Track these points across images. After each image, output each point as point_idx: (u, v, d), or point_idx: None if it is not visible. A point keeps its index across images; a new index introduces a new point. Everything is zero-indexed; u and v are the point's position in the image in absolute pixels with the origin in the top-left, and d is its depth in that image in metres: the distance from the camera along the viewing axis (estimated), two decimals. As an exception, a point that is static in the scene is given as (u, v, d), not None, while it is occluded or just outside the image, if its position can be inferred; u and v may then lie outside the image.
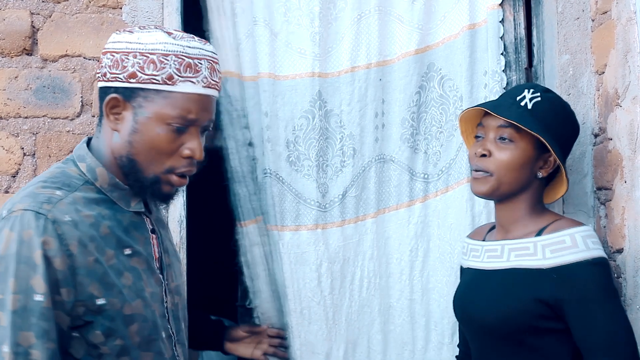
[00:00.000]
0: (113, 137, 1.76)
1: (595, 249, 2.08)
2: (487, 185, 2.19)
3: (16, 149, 2.42)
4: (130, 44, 1.71)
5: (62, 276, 1.61)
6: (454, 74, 2.64)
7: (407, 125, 2.65)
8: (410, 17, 2.64)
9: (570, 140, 2.26)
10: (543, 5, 2.61)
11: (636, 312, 2.13)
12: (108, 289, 1.67)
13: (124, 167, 1.76)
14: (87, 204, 1.70)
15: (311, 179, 2.58)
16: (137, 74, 1.70)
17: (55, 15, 2.45)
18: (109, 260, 1.69)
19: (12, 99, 2.43)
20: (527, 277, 2.12)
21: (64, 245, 1.62)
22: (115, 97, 1.72)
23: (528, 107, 2.18)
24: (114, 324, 1.67)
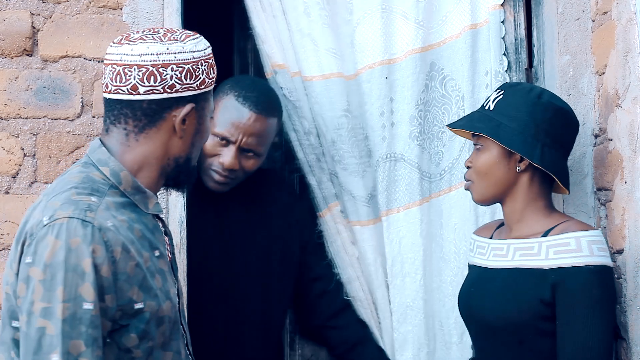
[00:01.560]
0: (170, 143, 1.80)
1: (600, 255, 2.09)
2: (475, 194, 2.28)
3: (16, 150, 2.42)
4: (194, 52, 1.77)
5: (107, 283, 1.63)
6: (456, 74, 2.65)
7: (416, 123, 2.65)
8: (414, 14, 2.64)
9: (546, 123, 2.20)
10: (543, 5, 2.61)
11: (636, 312, 2.13)
12: (146, 293, 1.69)
13: (178, 167, 1.83)
14: (117, 209, 1.72)
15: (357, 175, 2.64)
16: (205, 80, 1.80)
17: (56, 15, 2.45)
18: (146, 262, 1.72)
19: (12, 99, 2.43)
20: (530, 278, 2.13)
21: (110, 252, 1.64)
22: (193, 105, 1.79)
23: (491, 108, 2.23)
24: (148, 326, 1.69)
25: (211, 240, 2.54)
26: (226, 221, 2.56)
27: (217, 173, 2.43)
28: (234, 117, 2.40)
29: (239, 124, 2.39)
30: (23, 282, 1.63)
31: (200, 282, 2.48)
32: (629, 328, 2.18)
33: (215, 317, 2.52)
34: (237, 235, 2.56)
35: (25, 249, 1.65)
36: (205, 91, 1.82)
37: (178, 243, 2.46)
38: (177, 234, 2.46)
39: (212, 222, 2.55)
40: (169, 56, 1.75)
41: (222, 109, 2.41)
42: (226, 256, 2.54)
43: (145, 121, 1.77)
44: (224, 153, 2.40)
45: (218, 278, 2.53)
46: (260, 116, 2.40)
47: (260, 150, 2.44)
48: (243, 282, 2.55)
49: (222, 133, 2.39)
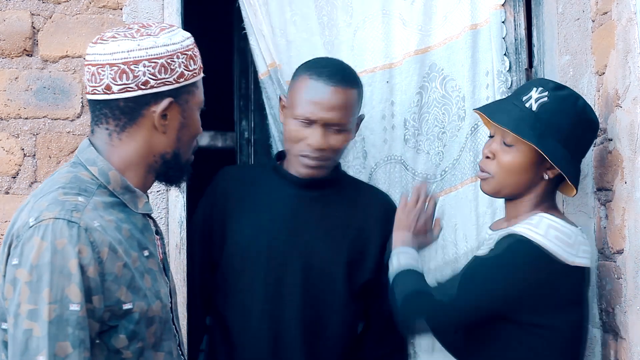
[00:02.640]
0: (153, 139, 1.77)
1: (540, 234, 2.08)
2: (489, 187, 2.22)
3: (16, 150, 2.42)
4: (168, 46, 1.74)
5: (94, 284, 1.62)
6: (456, 74, 2.65)
7: (409, 126, 2.65)
8: (410, 17, 2.65)
9: (583, 139, 2.21)
10: (543, 6, 2.61)
11: (637, 312, 2.13)
12: (135, 293, 1.68)
13: (166, 163, 1.81)
14: (105, 209, 1.71)
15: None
16: (184, 73, 1.76)
17: (56, 16, 2.45)
18: (134, 262, 1.71)
19: (12, 99, 2.43)
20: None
21: (96, 253, 1.63)
22: (172, 100, 1.76)
23: (533, 108, 2.15)
24: (137, 327, 1.68)
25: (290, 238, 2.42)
26: (308, 220, 2.43)
27: (307, 157, 2.33)
28: (311, 95, 2.31)
29: (318, 101, 2.30)
30: (10, 284, 1.62)
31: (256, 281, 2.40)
32: (629, 328, 2.18)
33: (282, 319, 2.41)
34: (316, 238, 2.43)
35: (12, 250, 1.64)
36: (187, 84, 1.78)
37: (178, 243, 2.46)
38: (177, 234, 2.46)
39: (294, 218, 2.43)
40: (140, 52, 1.72)
41: (297, 91, 2.34)
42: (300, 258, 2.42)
43: (125, 120, 1.75)
44: (310, 134, 2.31)
45: (292, 277, 2.41)
46: (338, 88, 2.31)
47: (346, 124, 2.33)
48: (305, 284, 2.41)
49: (303, 114, 2.30)
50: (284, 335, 2.38)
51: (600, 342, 2.47)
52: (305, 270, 2.38)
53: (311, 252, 2.39)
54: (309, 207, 2.41)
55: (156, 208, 2.44)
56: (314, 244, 2.40)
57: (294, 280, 2.38)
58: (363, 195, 2.50)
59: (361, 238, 2.44)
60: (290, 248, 2.38)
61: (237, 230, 2.40)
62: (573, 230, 2.14)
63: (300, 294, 2.38)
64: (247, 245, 2.39)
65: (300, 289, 2.38)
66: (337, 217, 2.43)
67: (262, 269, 2.37)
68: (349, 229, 2.44)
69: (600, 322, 2.46)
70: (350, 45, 2.64)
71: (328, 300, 2.40)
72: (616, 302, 2.30)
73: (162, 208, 2.45)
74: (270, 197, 2.42)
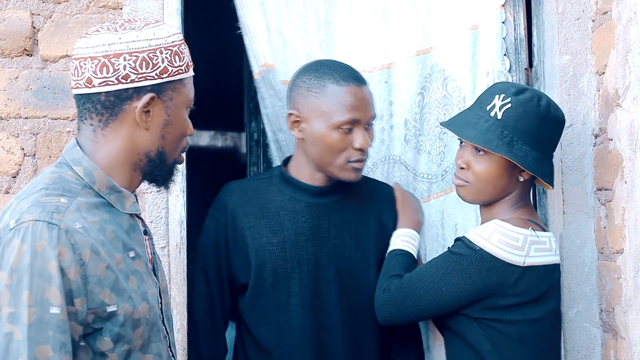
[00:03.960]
0: (135, 136, 1.75)
1: (484, 237, 2.15)
2: (468, 195, 2.29)
3: (16, 150, 2.42)
4: (151, 40, 1.72)
5: (76, 286, 1.60)
6: (457, 75, 2.65)
7: (410, 127, 2.65)
8: (412, 18, 2.64)
9: (551, 136, 2.25)
10: (543, 5, 2.61)
11: (636, 312, 2.13)
12: (119, 295, 1.66)
13: (151, 161, 1.77)
14: (89, 210, 1.69)
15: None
16: (168, 69, 1.73)
17: (56, 15, 2.45)
18: (118, 264, 1.68)
19: (12, 99, 2.43)
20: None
21: (77, 255, 1.60)
22: (153, 96, 1.73)
23: (498, 117, 2.20)
24: (122, 329, 1.66)
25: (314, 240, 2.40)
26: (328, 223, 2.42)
27: (357, 162, 2.32)
28: (348, 100, 2.29)
29: (357, 103, 2.30)
30: None
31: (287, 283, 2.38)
32: (629, 328, 2.18)
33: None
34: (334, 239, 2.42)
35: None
36: (171, 80, 1.75)
37: (178, 243, 2.46)
38: (177, 234, 2.46)
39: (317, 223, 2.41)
40: (121, 45, 1.70)
41: (327, 101, 2.30)
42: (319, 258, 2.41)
43: (107, 114, 1.73)
44: (355, 138, 2.29)
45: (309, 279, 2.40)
46: (365, 86, 2.35)
47: (374, 117, 2.39)
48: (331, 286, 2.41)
49: (348, 119, 2.28)
50: (327, 346, 2.38)
51: (600, 342, 2.47)
52: (339, 277, 2.38)
53: (340, 258, 2.39)
54: (329, 214, 2.40)
55: (156, 208, 2.44)
56: (342, 250, 2.40)
57: (329, 289, 2.38)
58: (374, 192, 2.51)
59: (382, 235, 2.45)
60: (320, 258, 2.38)
61: (261, 249, 2.37)
62: (521, 232, 2.17)
63: (338, 302, 2.38)
64: (277, 262, 2.37)
65: (337, 298, 2.38)
66: (357, 219, 2.43)
67: (297, 283, 2.36)
68: (370, 228, 2.44)
69: (600, 322, 2.46)
70: (347, 45, 2.64)
71: (365, 305, 2.38)
72: (616, 302, 2.30)
73: (162, 208, 2.45)
74: (288, 210, 2.40)
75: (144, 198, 2.42)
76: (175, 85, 1.76)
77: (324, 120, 2.30)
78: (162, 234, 2.44)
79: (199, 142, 5.52)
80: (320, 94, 2.31)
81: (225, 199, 2.44)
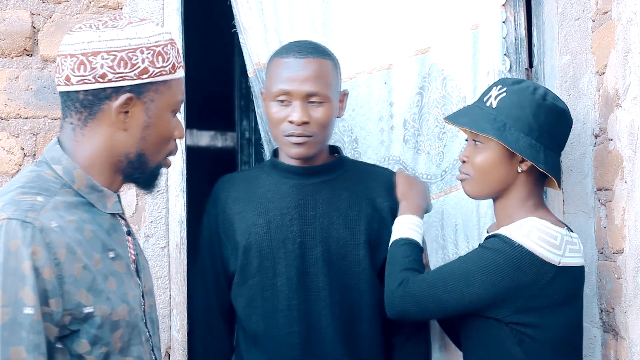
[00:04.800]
0: (114, 137, 1.71)
1: (523, 234, 2.11)
2: (470, 188, 2.28)
3: (16, 150, 2.42)
4: (131, 39, 1.67)
5: (51, 286, 1.56)
6: (457, 75, 2.65)
7: (409, 127, 2.65)
8: (411, 17, 2.64)
9: (551, 127, 2.22)
10: (543, 5, 2.61)
11: (636, 312, 2.13)
12: (96, 296, 1.62)
13: (131, 163, 1.73)
14: (67, 209, 1.65)
15: None
16: (148, 69, 1.68)
17: (56, 15, 2.45)
18: (96, 265, 1.64)
19: (12, 99, 2.43)
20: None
21: (52, 254, 1.57)
22: (131, 96, 1.68)
23: (493, 105, 2.21)
24: (100, 331, 1.62)
25: (304, 221, 2.37)
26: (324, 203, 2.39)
27: (292, 135, 2.29)
28: (284, 72, 2.29)
29: (292, 75, 2.28)
30: None
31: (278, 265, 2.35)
32: (629, 328, 2.18)
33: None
34: (329, 218, 2.39)
35: None
36: (153, 81, 1.69)
37: (178, 243, 2.46)
38: (177, 234, 2.46)
39: (308, 203, 2.39)
40: (100, 44, 1.66)
41: (270, 74, 2.33)
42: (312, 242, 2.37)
43: (86, 113, 1.69)
44: (291, 111, 2.27)
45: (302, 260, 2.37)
46: (309, 58, 2.29)
47: (325, 94, 2.29)
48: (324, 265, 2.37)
49: (280, 90, 2.28)
50: (316, 327, 2.34)
51: (600, 342, 2.47)
52: (326, 257, 2.35)
53: (328, 237, 2.36)
54: (316, 194, 2.37)
55: (156, 208, 2.44)
56: (330, 228, 2.36)
57: (317, 269, 2.35)
58: (368, 174, 2.47)
59: (375, 216, 2.40)
60: (306, 237, 2.35)
61: (247, 231, 2.36)
62: (559, 231, 2.14)
63: (325, 282, 2.34)
64: (262, 243, 2.35)
65: (325, 277, 2.35)
66: (346, 199, 2.40)
67: (282, 264, 2.34)
68: (361, 208, 2.40)
69: (600, 322, 2.46)
70: (345, 46, 2.64)
71: (354, 284, 2.36)
72: (616, 302, 2.30)
73: (162, 208, 2.45)
74: (274, 192, 2.38)
75: (144, 198, 2.42)
76: (157, 87, 1.71)
77: (268, 93, 2.32)
78: (162, 234, 2.44)
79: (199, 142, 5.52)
80: (269, 68, 2.35)
81: (217, 191, 2.45)
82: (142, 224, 2.43)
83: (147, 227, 2.44)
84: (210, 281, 2.42)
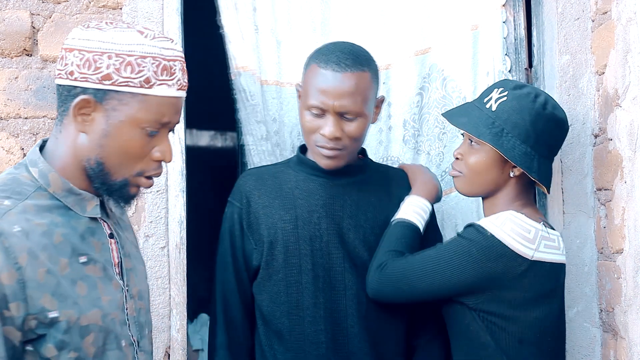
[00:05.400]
0: (78, 139, 1.68)
1: (497, 225, 2.14)
2: (460, 185, 2.30)
3: (16, 150, 2.42)
4: (103, 43, 1.63)
5: (10, 291, 1.54)
6: (457, 75, 2.65)
7: (409, 127, 2.65)
8: (411, 18, 2.64)
9: (547, 135, 2.22)
10: (543, 5, 2.61)
11: (636, 312, 2.13)
12: (62, 301, 1.59)
13: (91, 170, 1.69)
14: (38, 212, 1.63)
15: None
16: (112, 76, 1.62)
17: (56, 15, 2.45)
18: (63, 269, 1.62)
19: (12, 99, 2.43)
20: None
21: (12, 259, 1.54)
22: (87, 98, 1.64)
23: (492, 108, 2.21)
24: (67, 336, 1.60)
25: (320, 222, 2.36)
26: (338, 204, 2.37)
27: (324, 147, 2.26)
28: (320, 84, 2.23)
29: (327, 89, 2.23)
30: None
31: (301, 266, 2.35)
32: (628, 328, 2.18)
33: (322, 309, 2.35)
34: (346, 219, 2.38)
35: None
36: (117, 90, 1.63)
37: (178, 243, 2.46)
38: (177, 234, 2.46)
39: (323, 204, 2.37)
40: (75, 41, 1.65)
41: (307, 81, 2.28)
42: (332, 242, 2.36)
43: (62, 109, 1.68)
44: (323, 124, 2.24)
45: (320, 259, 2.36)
46: (346, 73, 2.23)
47: (360, 110, 2.25)
48: (345, 267, 2.36)
49: (314, 104, 2.24)
50: (342, 325, 2.33)
51: (600, 342, 2.47)
52: (353, 257, 2.34)
53: (355, 239, 2.35)
54: (345, 195, 2.36)
55: (156, 208, 2.44)
56: (357, 231, 2.35)
57: (344, 268, 2.34)
58: (392, 178, 2.47)
59: None
60: (333, 237, 2.34)
61: (274, 226, 2.34)
62: (533, 225, 2.16)
63: (352, 281, 2.33)
64: (289, 239, 2.34)
65: (352, 277, 2.33)
66: (374, 203, 2.39)
67: (309, 260, 2.33)
68: (388, 214, 2.39)
69: (600, 322, 2.46)
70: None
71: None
72: (616, 302, 2.30)
73: (162, 208, 2.45)
74: (302, 188, 2.37)
75: (144, 198, 2.42)
76: (122, 97, 1.64)
77: (303, 99, 2.29)
78: (162, 234, 2.44)
79: (199, 142, 5.52)
80: (306, 72, 2.31)
81: (241, 184, 2.42)
82: (142, 223, 2.43)
83: (147, 227, 2.44)
84: (230, 274, 2.39)
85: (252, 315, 2.41)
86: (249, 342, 2.42)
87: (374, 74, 2.31)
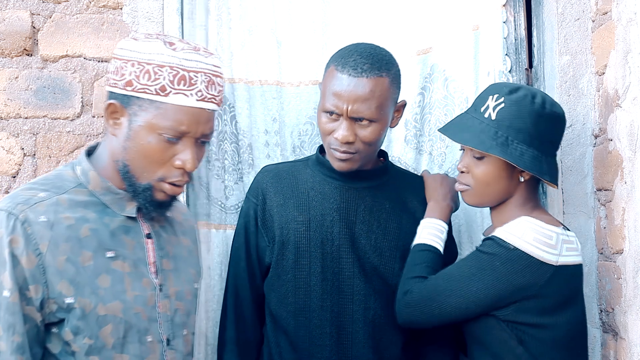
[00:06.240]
0: (113, 142, 1.79)
1: (518, 236, 2.10)
2: (471, 199, 2.26)
3: (16, 150, 2.42)
4: (130, 52, 1.74)
5: (29, 274, 1.67)
6: (458, 75, 2.64)
7: (411, 127, 2.65)
8: (412, 18, 2.64)
9: (550, 134, 2.21)
10: (543, 6, 2.61)
11: (636, 312, 2.13)
12: (79, 289, 1.70)
13: (121, 171, 1.79)
14: (71, 207, 1.74)
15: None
16: (132, 83, 1.72)
17: (56, 15, 2.45)
18: (85, 261, 1.72)
19: (12, 99, 2.43)
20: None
21: (32, 245, 1.67)
22: (113, 103, 1.75)
23: (492, 118, 2.17)
24: (82, 322, 1.70)
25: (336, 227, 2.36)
26: (355, 208, 2.37)
27: (337, 150, 2.25)
28: (335, 88, 2.21)
29: (341, 93, 2.20)
30: None
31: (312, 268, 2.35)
32: (629, 328, 2.18)
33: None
34: (362, 225, 2.37)
35: None
36: (138, 96, 1.73)
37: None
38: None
39: (339, 207, 2.36)
40: (117, 50, 1.78)
41: (324, 83, 2.27)
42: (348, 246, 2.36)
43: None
44: (337, 128, 2.23)
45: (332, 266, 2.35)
46: (362, 79, 2.20)
47: (374, 116, 2.22)
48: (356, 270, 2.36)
49: (328, 107, 2.23)
50: (348, 330, 2.33)
51: (600, 342, 2.47)
52: (362, 263, 2.34)
53: (366, 244, 2.35)
54: (359, 199, 2.36)
55: (156, 208, 2.44)
56: (369, 236, 2.35)
57: (353, 273, 2.33)
58: (410, 185, 2.45)
59: (415, 230, 2.37)
60: (344, 241, 2.34)
61: (286, 226, 2.35)
62: (554, 230, 2.14)
63: (360, 286, 2.33)
64: (300, 240, 2.34)
65: (360, 282, 2.33)
66: (388, 209, 2.38)
67: (318, 263, 2.33)
68: (401, 221, 2.39)
69: (600, 322, 2.46)
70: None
71: (388, 293, 2.34)
72: (616, 302, 2.30)
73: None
74: (317, 190, 2.37)
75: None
76: (141, 103, 1.73)
77: (321, 100, 2.28)
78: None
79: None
80: (325, 74, 2.30)
81: (259, 180, 2.43)
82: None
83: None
84: (242, 269, 2.39)
85: (262, 311, 2.42)
86: (258, 338, 2.43)
87: (394, 78, 2.27)
